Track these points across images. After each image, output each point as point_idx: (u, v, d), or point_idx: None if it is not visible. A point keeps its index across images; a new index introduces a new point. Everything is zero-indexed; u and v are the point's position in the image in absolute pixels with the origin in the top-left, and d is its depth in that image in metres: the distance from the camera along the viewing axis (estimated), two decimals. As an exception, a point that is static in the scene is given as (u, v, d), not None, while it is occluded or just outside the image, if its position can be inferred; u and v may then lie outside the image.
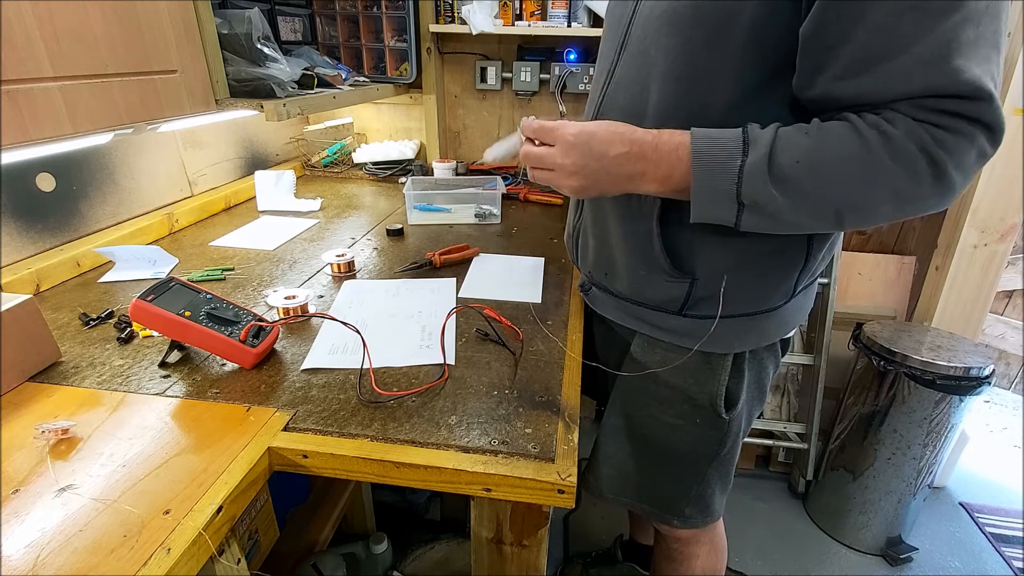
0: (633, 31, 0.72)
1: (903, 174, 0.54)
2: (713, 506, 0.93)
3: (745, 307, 0.76)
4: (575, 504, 0.62)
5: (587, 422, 2.07)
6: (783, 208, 0.58)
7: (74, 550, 0.50)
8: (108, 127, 0.84)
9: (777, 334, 0.81)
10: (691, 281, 0.75)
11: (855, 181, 0.55)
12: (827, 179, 0.56)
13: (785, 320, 0.80)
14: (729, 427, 0.84)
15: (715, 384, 0.81)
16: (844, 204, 0.57)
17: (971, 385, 1.36)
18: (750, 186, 0.58)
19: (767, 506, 1.79)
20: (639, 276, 0.79)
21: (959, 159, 0.53)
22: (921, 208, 0.57)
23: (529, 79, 1.82)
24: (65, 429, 0.64)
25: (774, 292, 0.76)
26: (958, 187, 0.55)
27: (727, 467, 0.91)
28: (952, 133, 0.52)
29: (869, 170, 0.54)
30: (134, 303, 0.75)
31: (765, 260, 0.73)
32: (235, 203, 1.58)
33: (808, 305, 0.85)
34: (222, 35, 1.07)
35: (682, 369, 0.81)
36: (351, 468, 0.65)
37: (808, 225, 0.62)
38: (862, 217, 0.58)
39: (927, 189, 0.54)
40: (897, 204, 0.56)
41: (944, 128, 0.52)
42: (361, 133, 2.09)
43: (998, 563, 1.62)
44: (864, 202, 0.57)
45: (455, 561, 1.31)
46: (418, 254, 1.23)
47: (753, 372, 0.83)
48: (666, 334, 0.81)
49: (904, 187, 0.55)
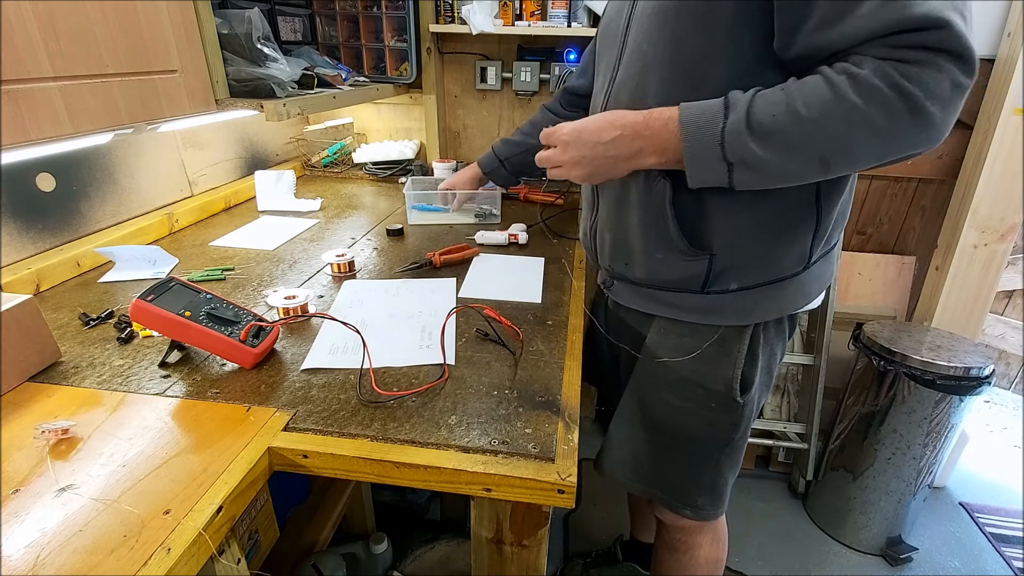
0: (630, 33, 0.76)
1: (875, 111, 0.56)
2: (724, 495, 0.95)
3: (763, 276, 0.77)
4: (575, 504, 0.62)
5: (587, 422, 2.07)
6: (768, 161, 0.62)
7: (74, 550, 0.50)
8: (108, 127, 0.84)
9: (797, 303, 0.82)
10: (709, 256, 0.77)
11: (830, 125, 0.58)
12: (803, 127, 0.59)
13: (805, 288, 0.81)
14: (743, 411, 0.86)
15: (731, 368, 0.83)
16: (825, 149, 0.60)
17: (971, 385, 1.36)
18: (733, 144, 0.62)
19: (767, 506, 1.79)
20: (656, 260, 0.81)
21: (931, 89, 0.54)
22: (906, 144, 0.58)
23: (529, 79, 1.82)
24: (65, 429, 0.64)
25: (788, 256, 0.77)
26: (937, 119, 0.56)
27: (738, 453, 0.93)
28: (917, 65, 0.54)
29: (841, 112, 0.57)
30: (134, 303, 0.75)
31: (776, 224, 0.74)
32: (235, 203, 1.58)
33: (828, 275, 0.84)
34: (222, 35, 1.07)
35: (695, 350, 0.83)
36: (351, 468, 0.65)
37: (797, 174, 0.64)
38: (847, 160, 0.61)
39: (905, 124, 0.56)
40: (879, 143, 0.58)
41: (909, 62, 0.54)
42: (361, 133, 2.09)
43: (998, 563, 1.62)
44: (843, 145, 0.59)
45: (455, 561, 1.31)
46: (418, 254, 1.23)
47: (765, 356, 0.85)
48: (687, 314, 0.83)
49: (880, 123, 0.56)
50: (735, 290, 0.78)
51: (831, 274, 0.86)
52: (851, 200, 0.80)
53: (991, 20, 1.52)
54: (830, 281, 0.86)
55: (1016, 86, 1.46)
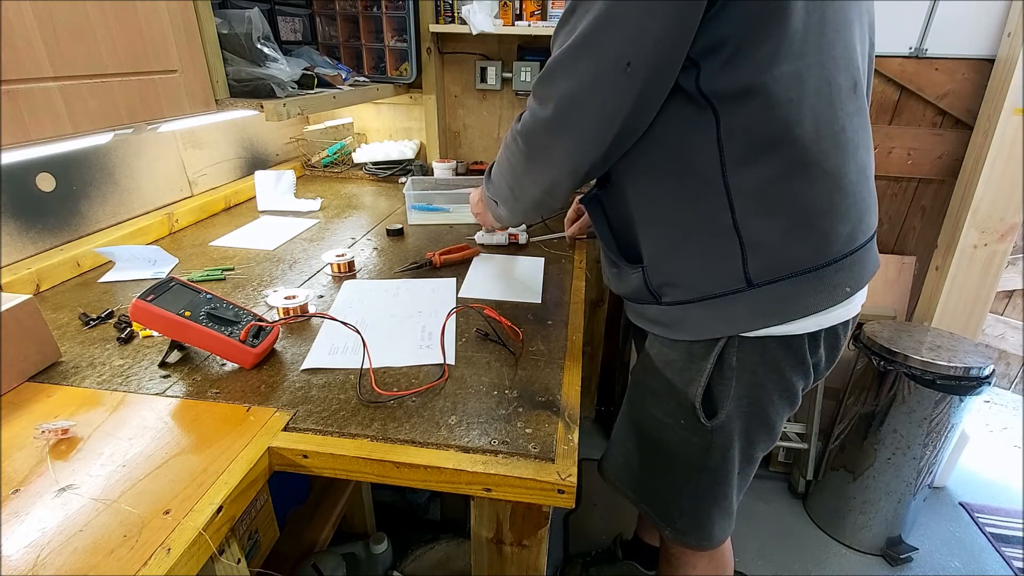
0: None
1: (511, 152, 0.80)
2: (709, 529, 0.89)
3: (697, 291, 0.75)
4: (575, 504, 0.62)
5: (587, 422, 2.07)
6: (495, 195, 0.91)
7: (74, 550, 0.50)
8: (108, 127, 0.84)
9: (751, 324, 0.73)
10: (642, 268, 0.80)
11: (503, 165, 0.85)
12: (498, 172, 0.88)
13: (758, 309, 0.72)
14: (712, 438, 0.80)
15: (694, 384, 0.78)
16: (508, 184, 0.86)
17: (971, 385, 1.36)
18: (487, 191, 0.94)
19: (767, 506, 1.79)
20: (613, 274, 0.88)
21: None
22: (528, 166, 0.78)
23: (529, 79, 1.82)
24: (65, 429, 0.64)
25: (721, 275, 0.72)
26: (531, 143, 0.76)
27: (720, 486, 0.85)
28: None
29: (505, 153, 0.83)
30: (134, 303, 0.75)
31: (697, 243, 0.73)
32: (235, 203, 1.58)
33: (805, 298, 0.72)
34: (222, 35, 1.07)
35: (671, 363, 0.82)
36: (351, 468, 0.65)
37: (511, 206, 0.89)
38: (520, 192, 0.84)
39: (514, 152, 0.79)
40: (513, 171, 0.82)
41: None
42: (361, 133, 2.09)
43: (998, 563, 1.62)
44: (513, 181, 0.84)
45: (455, 561, 1.31)
46: (418, 254, 1.23)
47: (744, 382, 0.77)
48: (654, 326, 0.84)
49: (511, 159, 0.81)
50: (681, 302, 0.77)
51: (813, 302, 0.72)
52: (817, 224, 0.70)
53: (991, 20, 1.52)
54: (819, 308, 0.72)
55: (1016, 86, 1.46)
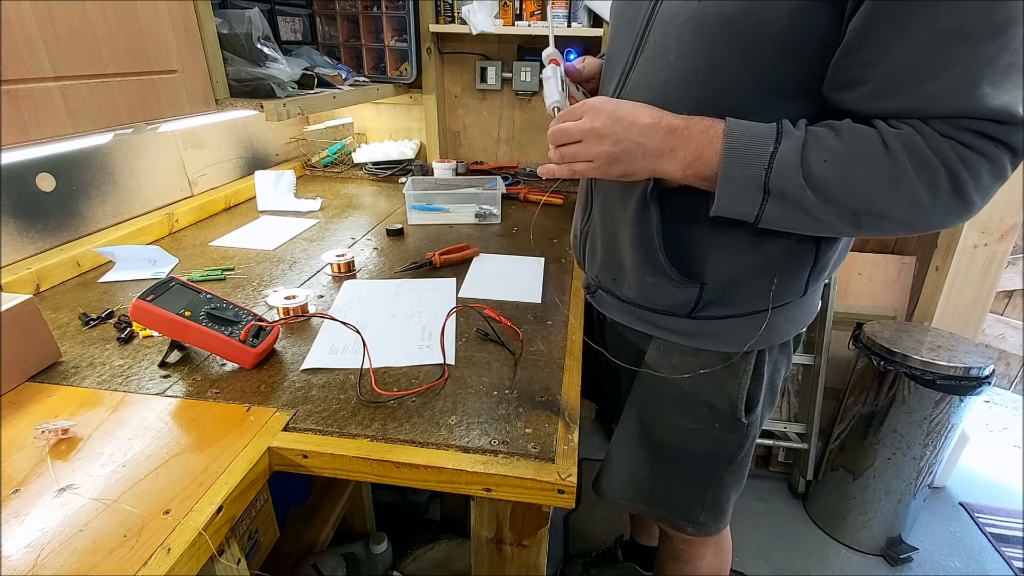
0: (651, 34, 0.69)
1: (922, 186, 0.54)
2: (727, 511, 0.93)
3: (752, 307, 0.76)
4: (575, 504, 0.62)
5: (587, 422, 2.07)
6: (807, 202, 0.58)
7: (74, 550, 0.50)
8: (108, 127, 0.84)
9: (789, 332, 0.81)
10: (700, 286, 0.75)
11: (877, 187, 0.56)
12: (851, 181, 0.57)
13: (796, 317, 0.80)
14: (748, 430, 0.84)
15: (736, 387, 0.81)
16: (863, 207, 0.58)
17: (971, 385, 1.36)
18: (781, 174, 0.58)
19: (767, 506, 1.79)
20: (647, 283, 0.78)
21: (980, 179, 0.53)
22: (935, 221, 0.58)
23: (529, 79, 1.82)
24: (65, 429, 0.64)
25: (781, 291, 0.76)
26: (976, 206, 0.55)
27: (742, 470, 0.91)
28: (976, 152, 0.53)
29: (892, 178, 0.55)
30: (134, 303, 0.75)
31: (774, 265, 0.73)
32: (235, 203, 1.58)
33: (816, 303, 0.85)
34: (222, 35, 1.07)
35: (700, 370, 0.81)
36: (351, 468, 0.65)
37: (827, 222, 0.61)
38: (878, 222, 0.59)
39: (944, 203, 0.55)
40: (914, 214, 0.57)
41: (969, 147, 0.53)
42: (361, 133, 2.09)
43: (998, 563, 1.62)
44: (882, 208, 0.57)
45: (455, 561, 1.31)
46: (418, 254, 1.23)
47: (769, 374, 0.83)
48: (678, 336, 0.81)
49: (922, 198, 0.55)
50: (724, 317, 0.77)
51: (819, 300, 0.86)
52: (851, 241, 0.80)
53: (991, 20, 1.51)
54: (818, 307, 0.86)
55: (1016, 86, 1.46)
